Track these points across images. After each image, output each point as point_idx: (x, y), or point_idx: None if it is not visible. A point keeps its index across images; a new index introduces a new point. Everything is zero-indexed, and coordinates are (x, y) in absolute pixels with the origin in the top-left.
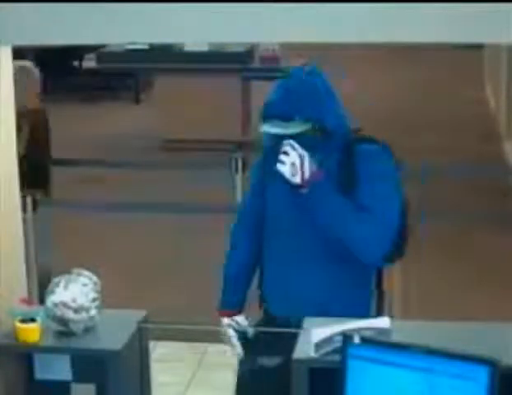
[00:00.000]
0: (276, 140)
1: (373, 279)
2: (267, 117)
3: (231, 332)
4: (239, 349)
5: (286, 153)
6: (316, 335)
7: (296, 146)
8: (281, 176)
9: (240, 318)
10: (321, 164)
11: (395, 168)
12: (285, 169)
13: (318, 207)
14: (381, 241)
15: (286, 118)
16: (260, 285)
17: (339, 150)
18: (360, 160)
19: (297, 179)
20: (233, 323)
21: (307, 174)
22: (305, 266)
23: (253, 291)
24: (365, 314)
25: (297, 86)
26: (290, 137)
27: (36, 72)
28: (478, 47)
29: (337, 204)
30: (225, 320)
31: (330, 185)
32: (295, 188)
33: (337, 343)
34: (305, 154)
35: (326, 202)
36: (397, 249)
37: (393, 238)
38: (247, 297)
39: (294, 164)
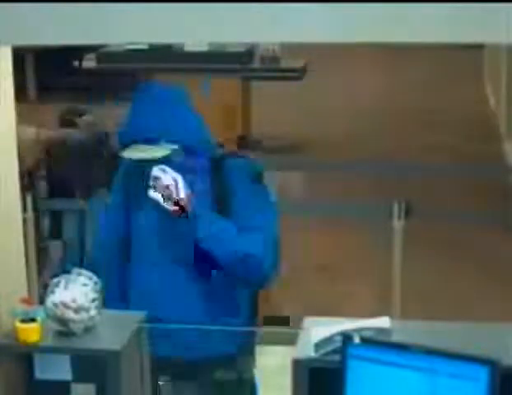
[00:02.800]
0: (139, 165)
1: (249, 306)
2: (128, 142)
3: None
4: None
5: (156, 178)
6: (316, 335)
7: (167, 168)
8: (149, 203)
9: None
10: (192, 186)
11: (262, 178)
12: (157, 194)
13: (195, 232)
14: (265, 260)
15: (151, 142)
16: None
17: (207, 168)
18: (231, 176)
19: (172, 204)
20: None
21: (182, 198)
22: (176, 294)
23: None
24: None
25: (159, 107)
26: (157, 162)
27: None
28: (478, 47)
29: (215, 227)
30: None
31: (206, 207)
32: (168, 213)
33: (337, 343)
34: (179, 176)
35: (204, 225)
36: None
37: (275, 254)
38: None
39: (167, 188)
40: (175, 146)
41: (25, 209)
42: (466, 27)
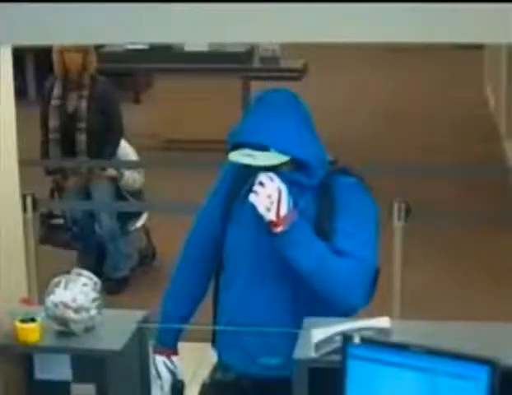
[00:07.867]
0: (246, 170)
1: None
2: (237, 144)
3: (165, 375)
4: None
5: (261, 184)
6: (316, 335)
7: (275, 177)
8: (249, 209)
9: (176, 359)
10: (295, 201)
11: (372, 202)
12: (259, 201)
13: (292, 250)
14: (362, 287)
15: (260, 148)
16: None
17: (314, 186)
18: (337, 197)
19: (271, 215)
20: (169, 364)
21: (283, 211)
22: (266, 313)
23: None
24: None
25: (274, 114)
26: (265, 169)
27: None
28: (478, 47)
29: (315, 248)
30: (160, 358)
31: (306, 225)
32: (264, 224)
33: (337, 343)
34: (284, 188)
35: (302, 244)
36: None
37: (372, 281)
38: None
39: (270, 197)
40: (286, 157)
41: (25, 209)
42: (466, 27)
